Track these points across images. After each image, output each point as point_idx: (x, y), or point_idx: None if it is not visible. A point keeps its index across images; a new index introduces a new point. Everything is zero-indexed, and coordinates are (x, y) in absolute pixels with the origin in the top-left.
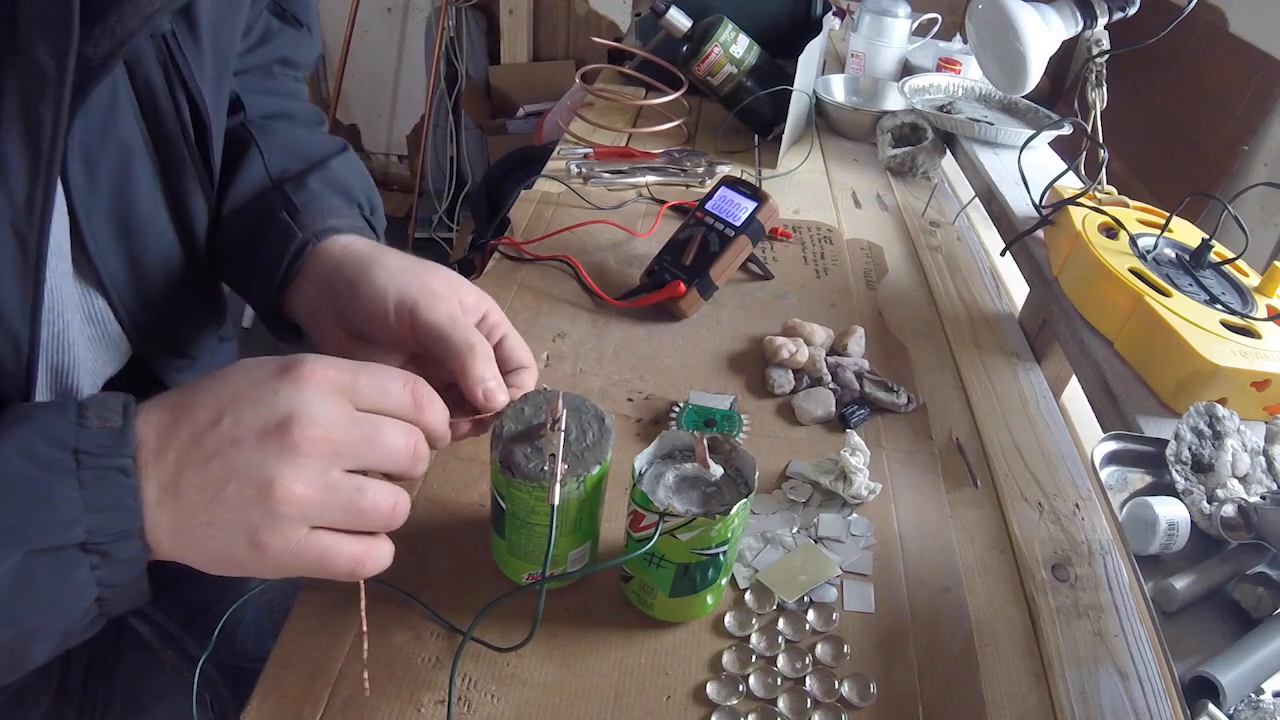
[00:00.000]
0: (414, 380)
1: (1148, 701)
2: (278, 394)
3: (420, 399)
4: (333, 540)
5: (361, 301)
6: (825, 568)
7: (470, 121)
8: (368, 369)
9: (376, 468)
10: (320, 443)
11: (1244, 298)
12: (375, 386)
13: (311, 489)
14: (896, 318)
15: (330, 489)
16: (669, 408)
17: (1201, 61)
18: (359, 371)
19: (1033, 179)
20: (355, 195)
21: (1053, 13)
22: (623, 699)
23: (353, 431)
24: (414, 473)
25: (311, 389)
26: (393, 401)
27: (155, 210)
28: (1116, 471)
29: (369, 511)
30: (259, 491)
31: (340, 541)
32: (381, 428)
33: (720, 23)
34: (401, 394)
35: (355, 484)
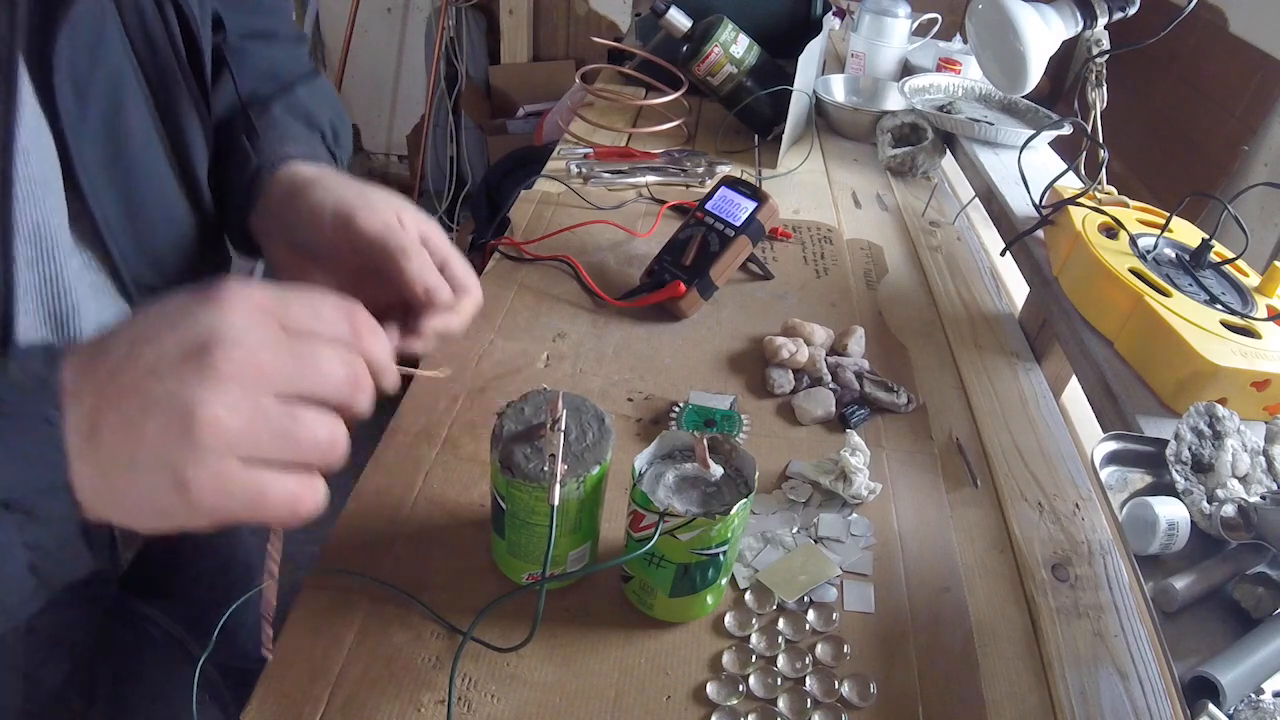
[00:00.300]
0: (351, 304)
1: (1148, 701)
2: (197, 318)
3: (358, 324)
4: (267, 476)
5: (303, 216)
6: (825, 568)
7: (470, 121)
8: (298, 293)
9: (311, 395)
10: (245, 365)
11: (1244, 298)
12: (307, 310)
13: (237, 415)
14: (896, 318)
15: (259, 416)
16: (669, 408)
17: (1201, 61)
18: (289, 294)
19: (1033, 179)
20: (318, 122)
21: (1053, 13)
22: (623, 699)
23: (282, 354)
24: (356, 405)
25: (235, 311)
26: (327, 325)
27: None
28: (1116, 471)
29: (305, 441)
30: (179, 422)
31: (275, 477)
32: (316, 350)
33: (720, 23)
34: (336, 318)
35: (288, 411)
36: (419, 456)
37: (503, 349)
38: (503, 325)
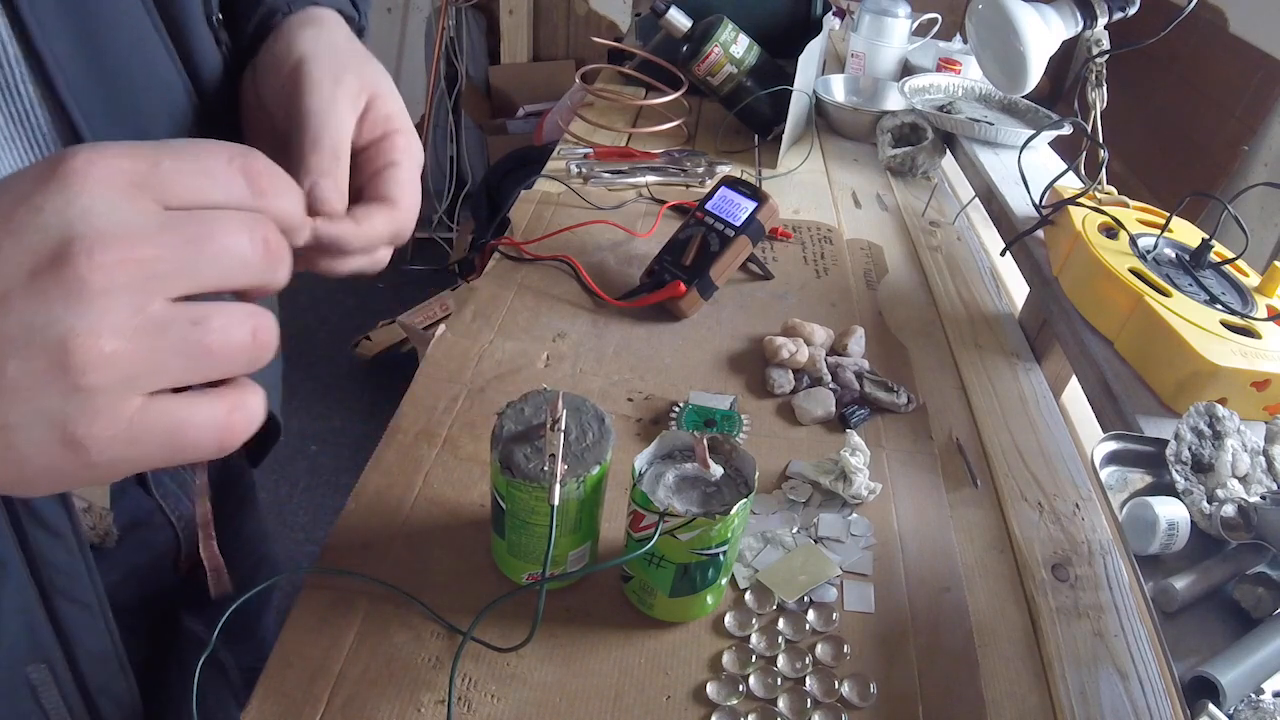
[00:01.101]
0: (244, 153)
1: (1148, 701)
2: (42, 211)
3: (256, 175)
4: (180, 407)
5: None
6: (825, 568)
7: (470, 121)
8: (172, 148)
9: (216, 285)
10: (120, 266)
11: (1244, 298)
12: (190, 170)
13: (125, 338)
14: (896, 318)
15: (155, 331)
16: (669, 408)
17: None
18: (160, 154)
19: (1033, 179)
20: None
21: (1053, 13)
22: (623, 699)
23: (167, 239)
24: (273, 279)
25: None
26: (218, 186)
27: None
28: (1116, 471)
29: (219, 349)
30: (51, 361)
31: (192, 406)
32: (211, 222)
33: (720, 23)
34: (228, 172)
35: (190, 315)
36: (419, 456)
37: (503, 349)
38: (503, 325)
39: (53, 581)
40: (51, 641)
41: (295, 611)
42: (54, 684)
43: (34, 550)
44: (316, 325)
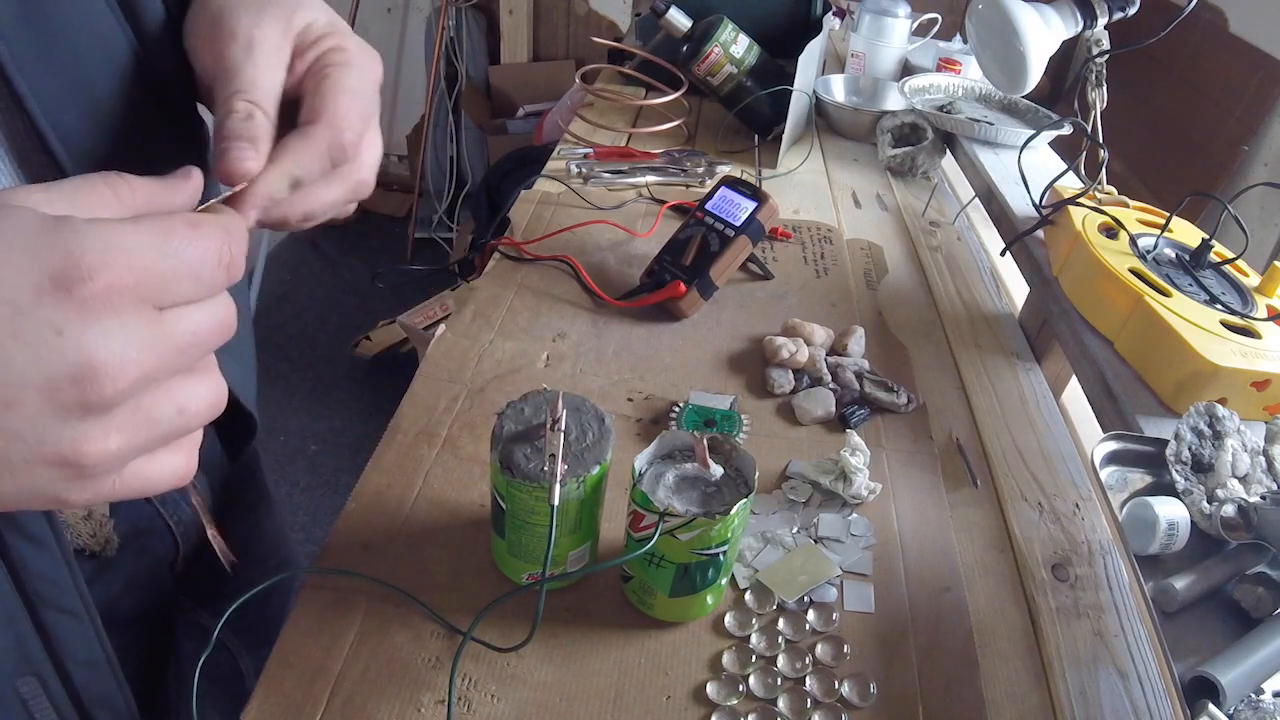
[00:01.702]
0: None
1: (1148, 701)
2: (62, 334)
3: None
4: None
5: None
6: (825, 568)
7: (470, 121)
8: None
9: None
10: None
11: (1244, 298)
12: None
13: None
14: (896, 318)
15: (150, 425)
16: (669, 408)
17: (1201, 61)
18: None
19: (1033, 179)
20: None
21: (1053, 13)
22: (623, 699)
23: (167, 350)
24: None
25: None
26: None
27: None
28: (1116, 471)
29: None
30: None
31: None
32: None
33: (720, 23)
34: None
35: (176, 406)
36: (419, 456)
37: (503, 349)
38: (503, 325)
39: (38, 591)
40: (40, 653)
41: (295, 611)
42: (45, 696)
43: (16, 560)
44: (316, 325)
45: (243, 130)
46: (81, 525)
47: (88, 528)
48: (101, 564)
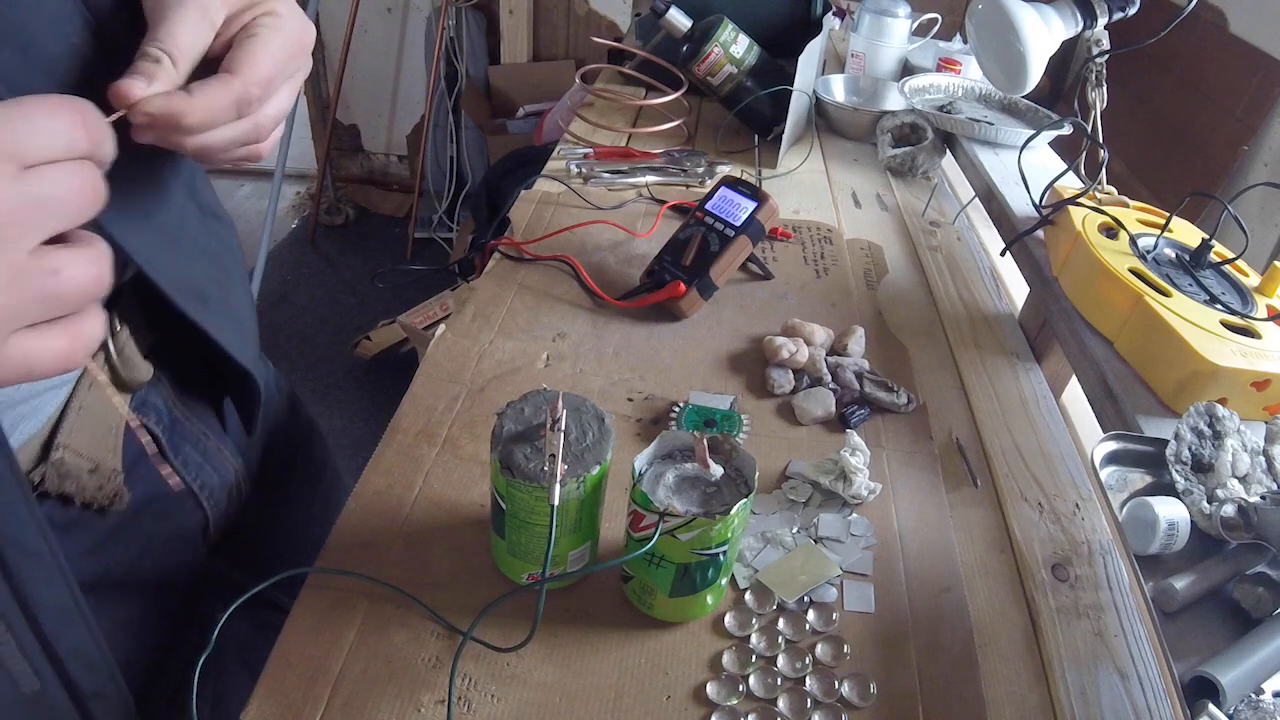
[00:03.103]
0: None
1: (1148, 701)
2: None
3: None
4: (32, 342)
5: None
6: (825, 568)
7: (470, 121)
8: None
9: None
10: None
11: (1244, 298)
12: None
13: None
14: (896, 318)
15: (18, 285)
16: (669, 408)
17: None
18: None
19: (1033, 179)
20: None
21: (1053, 13)
22: (623, 699)
23: (25, 201)
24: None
25: None
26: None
27: None
28: (1116, 471)
29: (70, 294)
30: None
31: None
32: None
33: (720, 23)
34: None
35: (48, 266)
36: (419, 456)
37: (503, 349)
38: (503, 325)
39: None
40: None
41: (295, 611)
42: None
43: None
44: (316, 325)
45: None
46: (88, 479)
47: (94, 481)
48: (117, 525)
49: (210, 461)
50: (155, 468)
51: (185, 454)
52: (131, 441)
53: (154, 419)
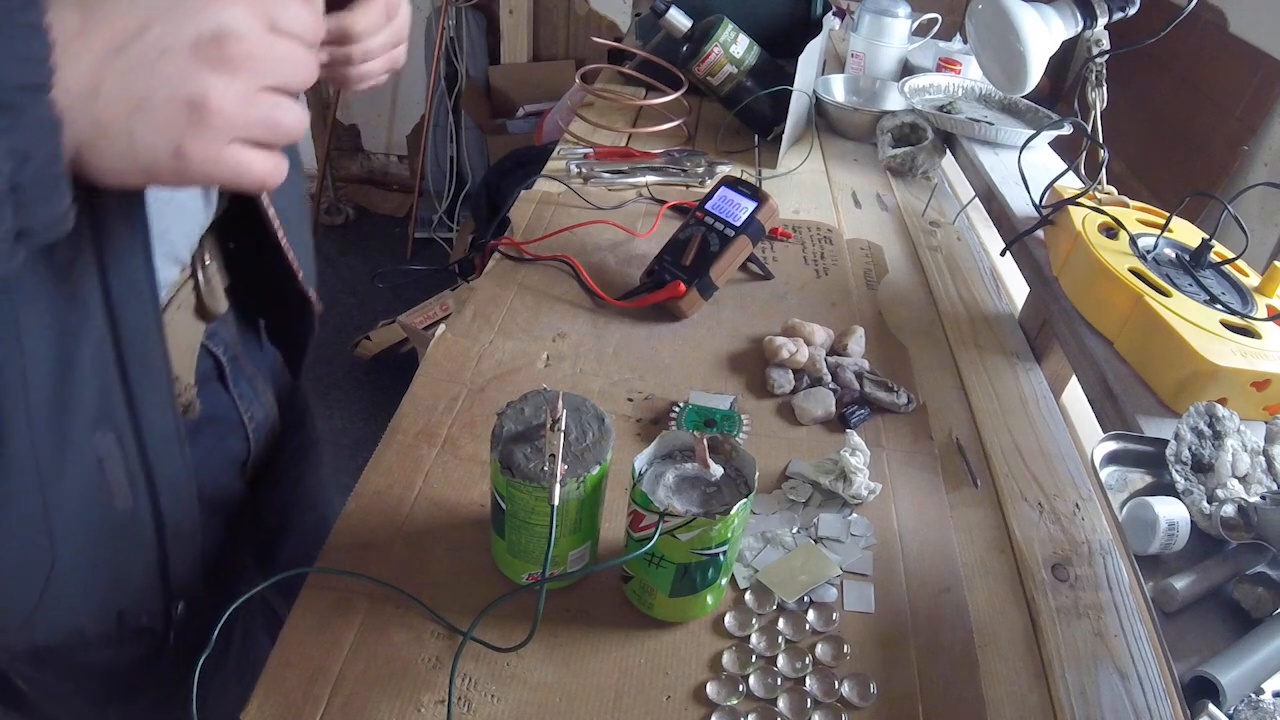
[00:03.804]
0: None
1: (1148, 701)
2: (207, 9)
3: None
4: (249, 154)
5: None
6: (825, 568)
7: (470, 121)
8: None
9: (285, 87)
10: (249, 59)
11: (1244, 298)
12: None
13: (239, 104)
14: (896, 318)
15: (253, 105)
16: (669, 408)
17: (1201, 61)
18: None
19: (1033, 179)
20: None
21: (1053, 13)
22: (623, 699)
23: (271, 52)
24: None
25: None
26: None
27: None
28: (1116, 471)
29: (284, 127)
30: (190, 104)
31: (255, 155)
32: (290, 50)
33: (720, 23)
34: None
35: (273, 101)
36: (419, 456)
37: (503, 349)
38: (503, 325)
39: (128, 342)
40: (122, 409)
41: (295, 611)
42: (121, 457)
43: (115, 303)
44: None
45: None
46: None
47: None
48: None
49: (259, 398)
50: (219, 390)
51: (241, 387)
52: (204, 361)
53: (222, 349)
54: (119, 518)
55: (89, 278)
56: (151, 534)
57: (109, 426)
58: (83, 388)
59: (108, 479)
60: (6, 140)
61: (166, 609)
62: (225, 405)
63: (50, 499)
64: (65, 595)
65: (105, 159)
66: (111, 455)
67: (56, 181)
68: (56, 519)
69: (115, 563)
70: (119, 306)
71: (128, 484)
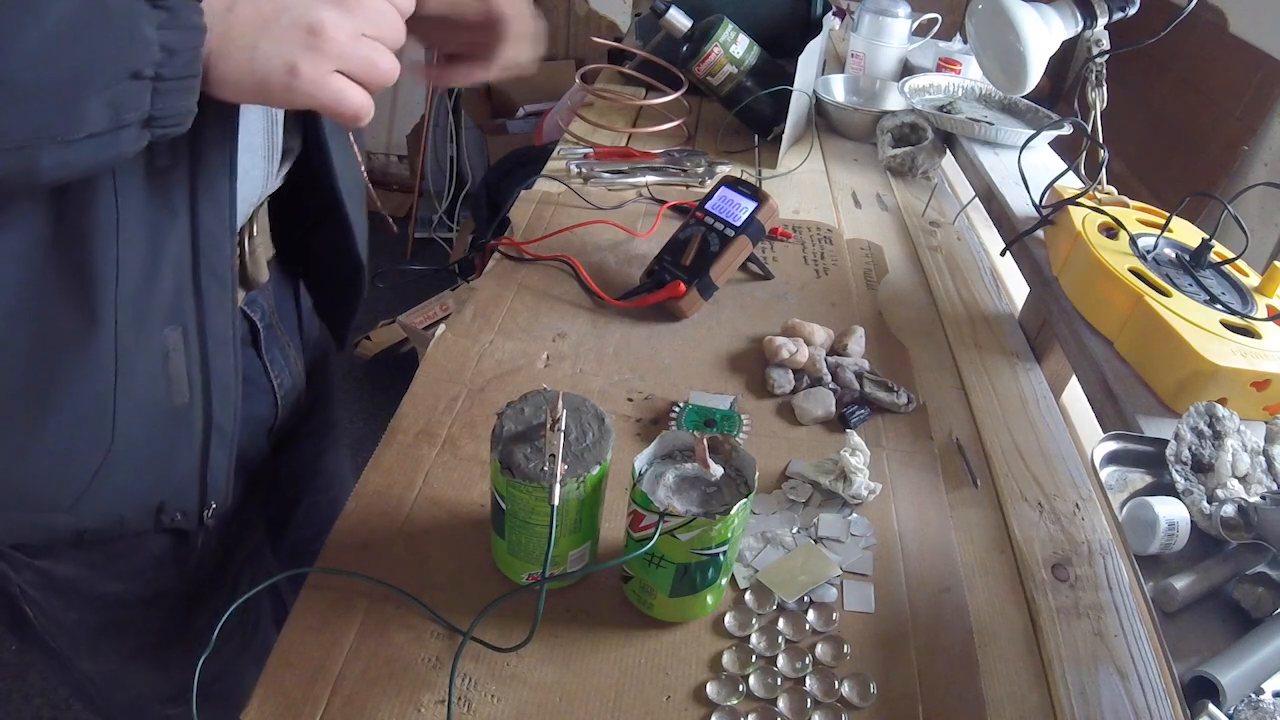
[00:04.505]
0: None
1: (1148, 701)
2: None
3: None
4: (348, 85)
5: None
6: (825, 568)
7: (470, 121)
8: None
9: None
10: (361, 6)
11: (1244, 298)
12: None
13: (349, 38)
14: (896, 318)
15: (360, 43)
16: (669, 408)
17: (1201, 61)
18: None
19: (1033, 179)
20: None
21: (1053, 13)
22: (623, 699)
23: (380, 5)
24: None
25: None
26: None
27: None
28: (1116, 471)
29: (380, 69)
30: (308, 28)
31: (354, 89)
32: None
33: (720, 23)
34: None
35: (375, 45)
36: (419, 456)
37: (503, 349)
38: (503, 325)
39: (204, 248)
40: (190, 306)
41: (295, 611)
42: (183, 351)
43: (199, 211)
44: None
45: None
46: None
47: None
48: None
49: (289, 368)
50: (252, 355)
51: (274, 353)
52: (239, 325)
53: (259, 315)
54: (175, 412)
55: (181, 185)
56: (200, 431)
57: (178, 322)
58: (163, 283)
59: (169, 372)
60: (161, 36)
61: (200, 510)
62: (256, 370)
63: (121, 384)
64: (115, 480)
65: (228, 69)
66: (177, 350)
67: (192, 80)
68: (122, 403)
69: (165, 455)
70: (202, 215)
71: (186, 379)
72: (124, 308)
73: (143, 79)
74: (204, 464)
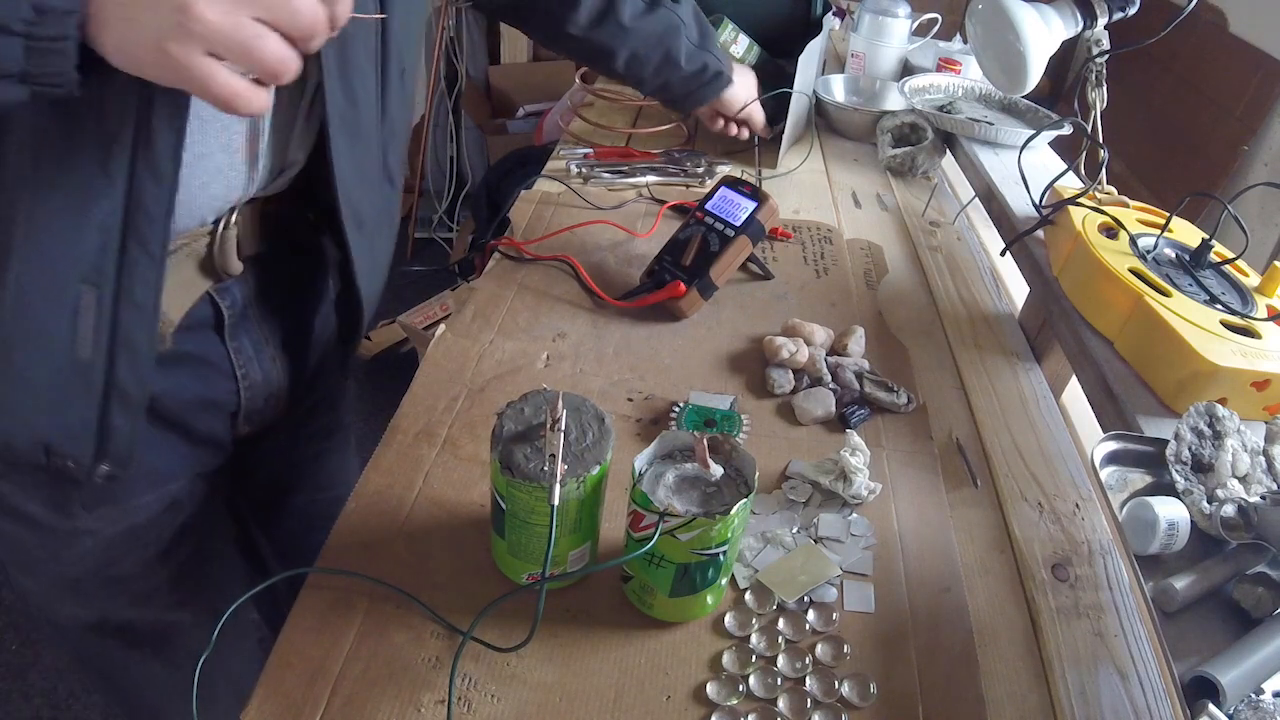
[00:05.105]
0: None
1: (1148, 701)
2: None
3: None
4: (218, 70)
5: None
6: (825, 568)
7: (470, 121)
8: None
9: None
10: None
11: (1244, 298)
12: None
13: (220, 18)
14: (896, 318)
15: (236, 26)
16: (669, 408)
17: (1201, 61)
18: None
19: (1033, 179)
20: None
21: (1053, 13)
22: (623, 699)
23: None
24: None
25: None
26: None
27: None
28: (1116, 471)
29: (262, 60)
30: (177, 6)
31: (227, 75)
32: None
33: (720, 23)
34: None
35: (257, 31)
36: (419, 456)
37: (503, 349)
38: (503, 325)
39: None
40: (111, 271)
41: (295, 611)
42: (94, 310)
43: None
44: None
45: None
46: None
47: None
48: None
49: (261, 364)
50: (213, 339)
51: (241, 343)
52: (204, 308)
53: (228, 303)
54: (78, 364)
55: (121, 153)
56: (100, 388)
57: (94, 283)
58: (85, 242)
59: (78, 326)
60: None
61: (93, 462)
62: (218, 354)
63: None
64: (5, 403)
65: (109, 38)
66: (89, 308)
67: (64, 42)
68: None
69: (60, 400)
70: (139, 187)
71: (93, 337)
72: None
73: (13, 35)
74: (103, 420)
